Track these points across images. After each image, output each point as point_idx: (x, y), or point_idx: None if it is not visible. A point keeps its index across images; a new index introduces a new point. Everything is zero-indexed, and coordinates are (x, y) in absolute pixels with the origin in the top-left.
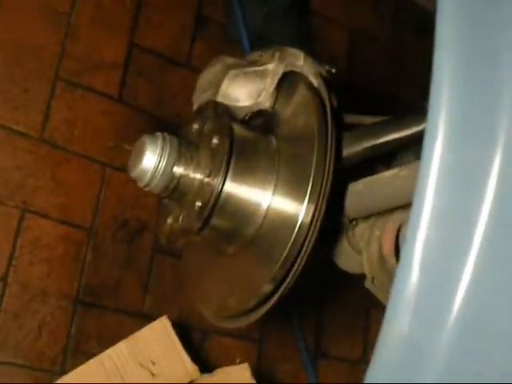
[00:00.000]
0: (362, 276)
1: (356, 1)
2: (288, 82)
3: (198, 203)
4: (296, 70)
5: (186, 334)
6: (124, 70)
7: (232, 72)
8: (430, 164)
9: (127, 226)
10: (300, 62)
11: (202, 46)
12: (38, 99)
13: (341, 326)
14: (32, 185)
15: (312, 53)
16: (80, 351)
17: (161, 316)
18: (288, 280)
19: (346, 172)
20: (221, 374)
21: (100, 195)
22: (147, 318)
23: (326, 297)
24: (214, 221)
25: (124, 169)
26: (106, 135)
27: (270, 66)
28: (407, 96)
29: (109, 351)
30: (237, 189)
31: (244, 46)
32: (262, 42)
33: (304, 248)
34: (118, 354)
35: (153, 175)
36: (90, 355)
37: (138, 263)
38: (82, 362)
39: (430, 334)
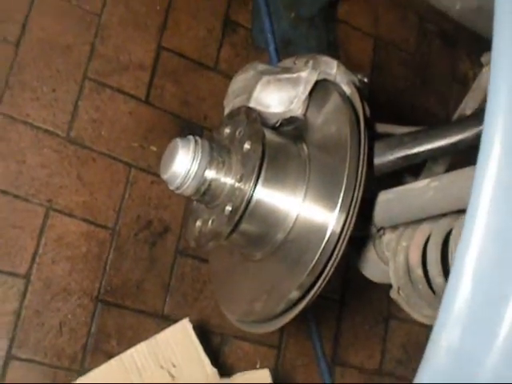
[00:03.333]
0: (387, 286)
1: (382, 10)
2: (320, 89)
3: (229, 208)
4: (329, 78)
5: (205, 336)
6: (152, 71)
7: (265, 78)
8: (484, 179)
9: (150, 227)
10: (333, 70)
11: (230, 50)
12: (65, 98)
13: (359, 335)
14: (57, 183)
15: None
16: (99, 350)
17: (181, 318)
18: (316, 288)
19: (376, 181)
20: (240, 378)
21: (124, 195)
22: (167, 320)
23: (344, 305)
24: (244, 226)
25: (149, 170)
26: (133, 136)
27: (304, 74)
28: (430, 106)
29: (130, 351)
30: (267, 195)
31: (270, 51)
32: (288, 47)
33: (333, 256)
34: (139, 354)
35: (184, 178)
36: (110, 354)
37: (160, 264)
38: (101, 361)
39: (481, 347)
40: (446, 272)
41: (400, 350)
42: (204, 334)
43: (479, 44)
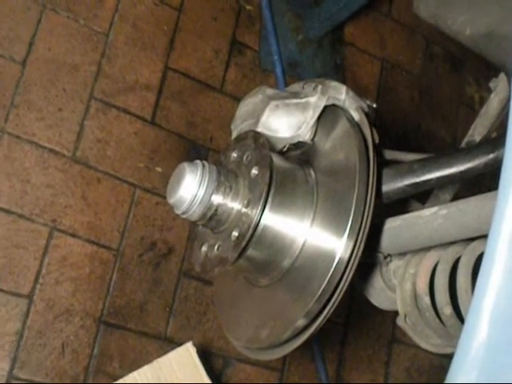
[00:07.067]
0: (394, 313)
1: (389, 32)
2: (329, 115)
3: (235, 233)
4: (338, 103)
5: (208, 359)
6: (158, 92)
7: (273, 103)
8: (504, 215)
9: (154, 249)
10: (342, 95)
11: (236, 71)
12: (71, 118)
13: (362, 358)
14: (62, 203)
15: (343, 83)
16: (101, 372)
17: (184, 340)
18: (323, 315)
19: (384, 208)
20: None
21: (129, 216)
22: (170, 342)
23: (348, 329)
24: (250, 251)
25: (154, 191)
26: (138, 156)
27: (312, 99)
28: (436, 129)
29: (132, 374)
30: (274, 220)
31: (277, 73)
32: (295, 70)
33: (341, 284)
34: (141, 377)
35: (191, 203)
36: (112, 377)
37: (164, 286)
38: (102, 383)
39: None
40: (453, 300)
41: (404, 375)
42: (206, 356)
43: (486, 68)
